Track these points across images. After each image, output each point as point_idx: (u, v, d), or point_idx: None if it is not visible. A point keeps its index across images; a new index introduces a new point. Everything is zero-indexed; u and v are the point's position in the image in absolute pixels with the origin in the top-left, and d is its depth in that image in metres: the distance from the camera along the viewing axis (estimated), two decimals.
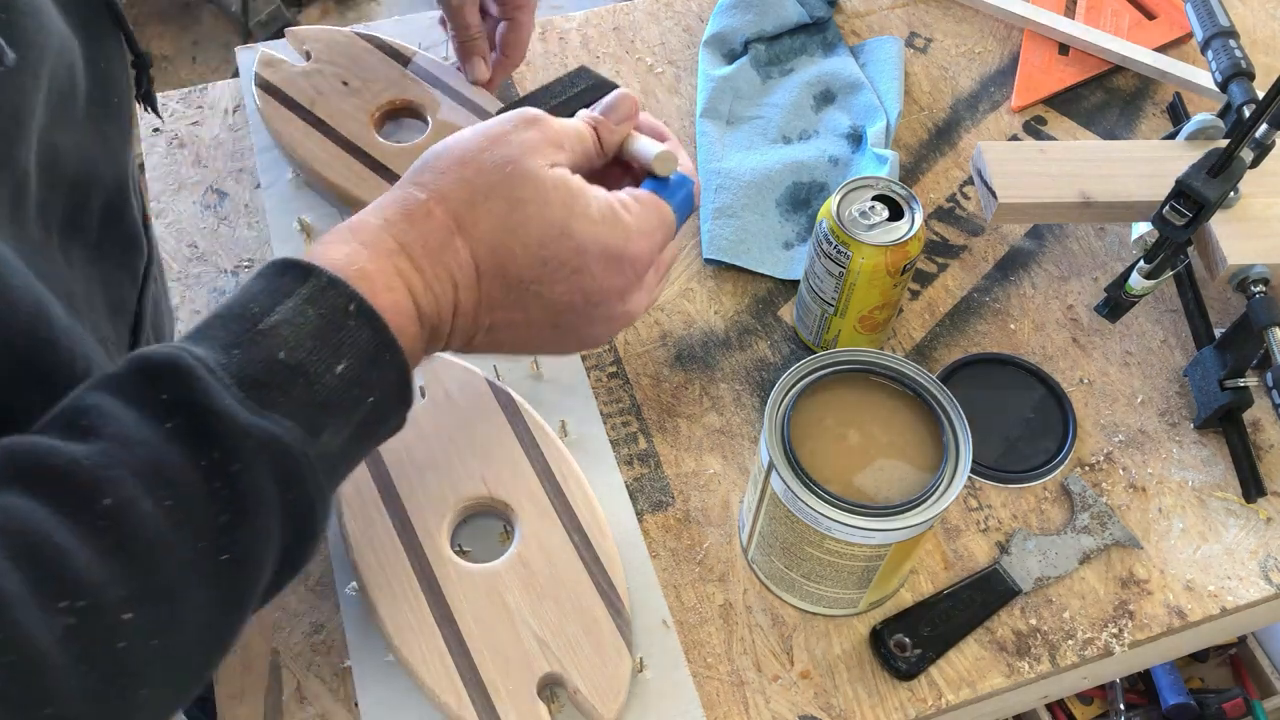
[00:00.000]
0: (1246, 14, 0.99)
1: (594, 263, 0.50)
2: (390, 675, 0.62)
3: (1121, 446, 0.73)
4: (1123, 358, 0.77)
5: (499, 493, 0.66)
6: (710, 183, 0.84)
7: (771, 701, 0.63)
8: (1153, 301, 0.80)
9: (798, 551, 0.61)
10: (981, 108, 0.92)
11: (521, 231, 0.48)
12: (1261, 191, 0.73)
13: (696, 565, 0.68)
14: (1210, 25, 0.82)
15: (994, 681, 0.64)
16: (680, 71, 0.93)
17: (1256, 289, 0.70)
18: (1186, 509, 0.71)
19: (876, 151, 0.83)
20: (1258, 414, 0.75)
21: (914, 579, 0.68)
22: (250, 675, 0.63)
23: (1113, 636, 0.66)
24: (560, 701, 0.61)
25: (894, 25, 0.97)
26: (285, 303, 0.42)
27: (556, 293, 0.50)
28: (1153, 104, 0.92)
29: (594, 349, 0.51)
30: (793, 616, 0.66)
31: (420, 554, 0.63)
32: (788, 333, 0.78)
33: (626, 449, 0.72)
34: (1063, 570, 0.67)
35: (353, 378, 0.43)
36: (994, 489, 0.71)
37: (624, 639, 0.61)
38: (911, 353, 0.78)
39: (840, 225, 0.68)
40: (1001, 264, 0.82)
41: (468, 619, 0.61)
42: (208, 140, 0.87)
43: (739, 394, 0.75)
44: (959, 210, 0.85)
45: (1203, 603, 0.67)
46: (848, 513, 0.56)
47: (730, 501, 0.70)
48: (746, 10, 0.93)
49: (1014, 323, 0.79)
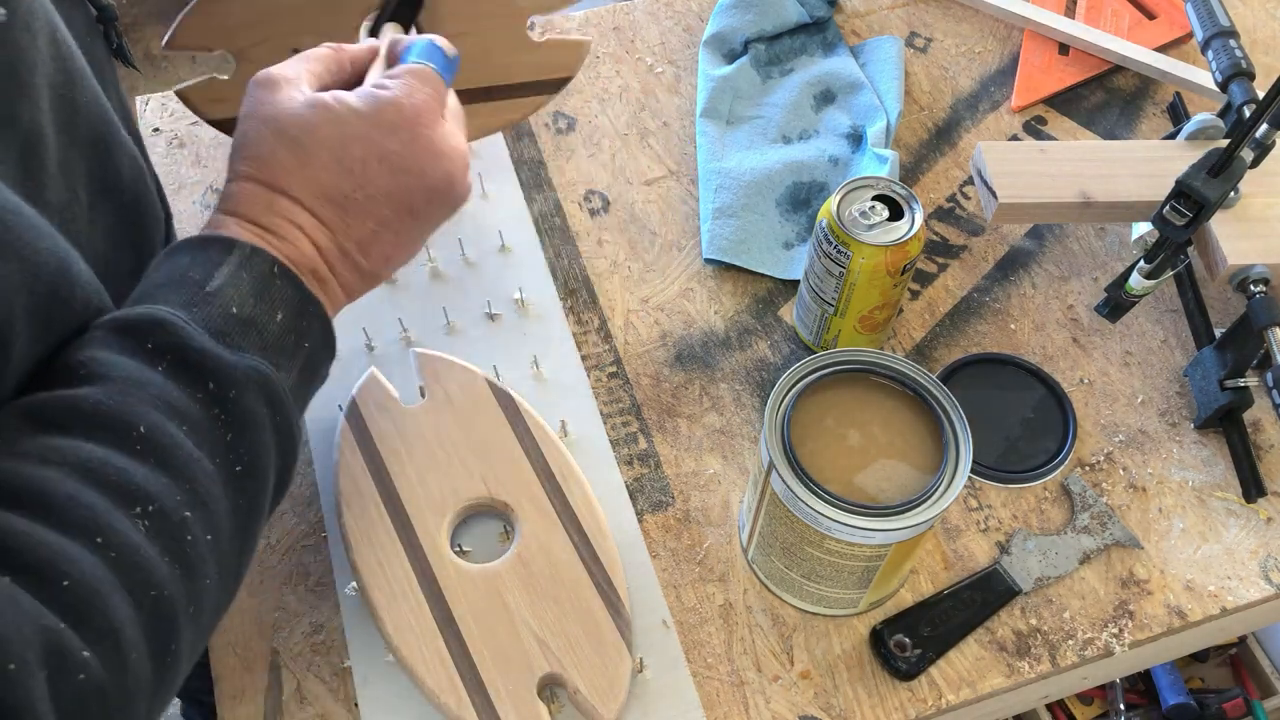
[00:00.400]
0: (1246, 14, 0.99)
1: (386, 139, 0.52)
2: (390, 675, 0.62)
3: (1121, 446, 0.73)
4: (1123, 358, 0.77)
5: (499, 493, 0.66)
6: (710, 183, 0.84)
7: (771, 701, 0.63)
8: (1153, 301, 0.80)
9: (798, 551, 0.61)
10: (981, 108, 0.92)
11: (312, 158, 0.51)
12: (1261, 191, 0.73)
13: (696, 565, 0.68)
14: (1210, 25, 0.82)
15: (994, 681, 0.64)
16: (680, 71, 0.93)
17: (1256, 289, 0.70)
18: (1186, 509, 0.71)
19: (876, 151, 0.83)
20: (1258, 414, 0.75)
21: (914, 579, 0.68)
22: (250, 675, 0.63)
23: (1113, 636, 0.66)
24: (560, 701, 0.61)
25: (894, 25, 0.97)
26: (221, 269, 0.47)
27: (381, 184, 0.52)
28: (1153, 104, 0.92)
29: (466, 199, 0.57)
30: (793, 616, 0.66)
31: (420, 554, 0.63)
32: (788, 333, 0.78)
33: (626, 449, 0.72)
34: (1063, 570, 0.67)
35: (289, 326, 0.49)
36: (994, 489, 0.71)
37: (624, 639, 0.61)
38: (911, 353, 0.78)
39: (840, 225, 0.68)
40: (1001, 264, 0.82)
41: (468, 619, 0.61)
42: (208, 140, 0.87)
43: (739, 394, 0.75)
44: (959, 210, 0.85)
45: (1203, 603, 0.67)
46: (848, 513, 0.56)
47: (730, 501, 0.70)
48: (746, 10, 0.93)
49: (1014, 323, 0.79)
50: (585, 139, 0.88)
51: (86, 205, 0.53)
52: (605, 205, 0.85)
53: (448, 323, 0.77)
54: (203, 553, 0.43)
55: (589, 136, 0.89)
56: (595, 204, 0.85)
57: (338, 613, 0.65)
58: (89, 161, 0.53)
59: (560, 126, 0.89)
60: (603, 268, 0.81)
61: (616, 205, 0.85)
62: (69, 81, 0.51)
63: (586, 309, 0.79)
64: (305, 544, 0.68)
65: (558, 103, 0.90)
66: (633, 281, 0.80)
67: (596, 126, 0.89)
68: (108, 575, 0.39)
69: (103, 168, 0.55)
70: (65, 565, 0.38)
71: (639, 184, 0.86)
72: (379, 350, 0.75)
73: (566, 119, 0.90)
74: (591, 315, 0.78)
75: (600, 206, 0.84)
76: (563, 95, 0.90)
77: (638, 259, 0.82)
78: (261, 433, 0.46)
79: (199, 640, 0.44)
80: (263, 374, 0.46)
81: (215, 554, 0.44)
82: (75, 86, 0.52)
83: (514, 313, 0.78)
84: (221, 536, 0.44)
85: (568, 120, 0.90)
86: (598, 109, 0.90)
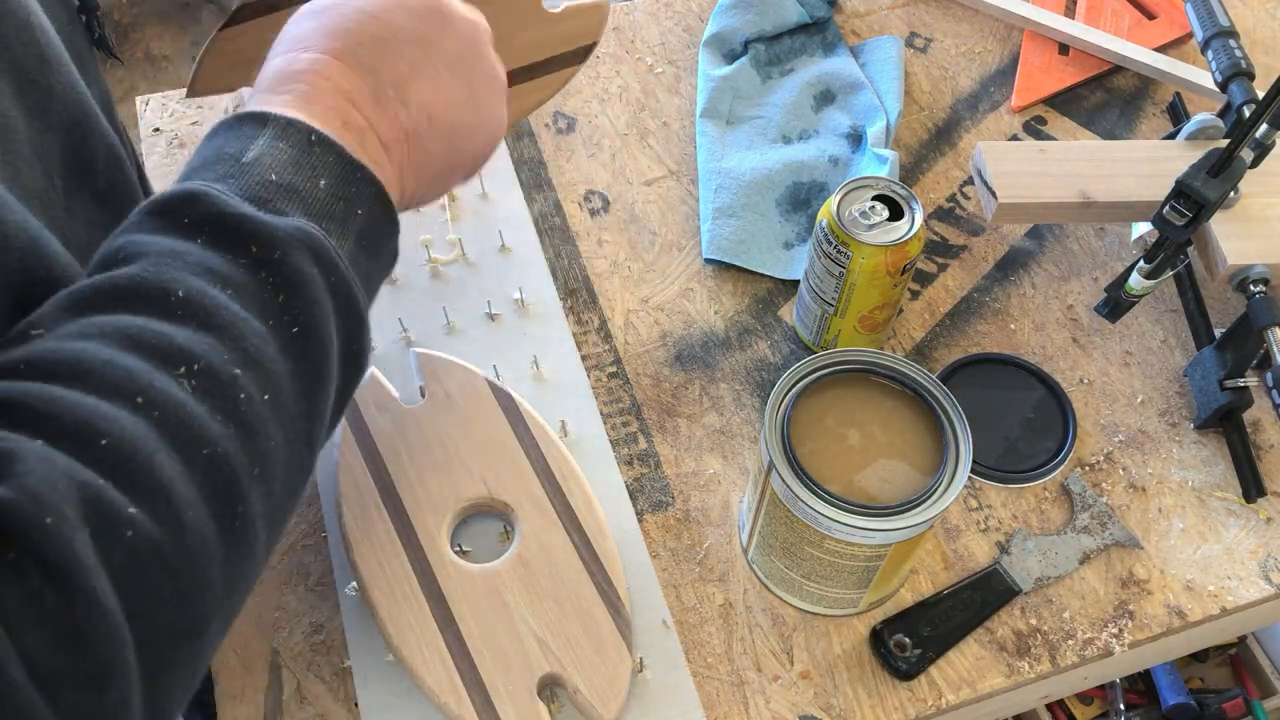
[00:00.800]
0: (1246, 14, 0.99)
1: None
2: (390, 675, 0.62)
3: (1121, 446, 0.73)
4: (1123, 358, 0.77)
5: (499, 493, 0.66)
6: (710, 183, 0.84)
7: (771, 701, 0.63)
8: (1153, 301, 0.80)
9: (798, 551, 0.61)
10: (981, 108, 0.92)
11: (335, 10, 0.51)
12: (1261, 191, 0.73)
13: (696, 565, 0.68)
14: (1210, 25, 0.82)
15: (994, 681, 0.64)
16: (680, 71, 0.93)
17: (1256, 289, 0.70)
18: (1186, 509, 0.71)
19: (876, 151, 0.83)
20: (1258, 414, 0.75)
21: (914, 579, 0.68)
22: (250, 675, 0.63)
23: (1113, 636, 0.66)
24: (560, 701, 0.61)
25: (894, 25, 0.97)
26: (256, 142, 0.45)
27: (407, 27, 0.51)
28: (1153, 104, 0.92)
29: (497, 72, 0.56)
30: (793, 616, 0.66)
31: (420, 554, 0.63)
32: (788, 333, 0.78)
33: (626, 449, 0.72)
34: (1063, 570, 0.67)
35: (336, 193, 0.46)
36: (994, 489, 0.71)
37: (624, 639, 0.61)
38: (911, 353, 0.78)
39: (840, 225, 0.68)
40: (1001, 264, 0.82)
41: (468, 619, 0.61)
42: None
43: (739, 394, 0.75)
44: (959, 210, 0.85)
45: (1203, 603, 0.67)
46: (848, 513, 0.56)
47: (730, 501, 0.70)
48: (746, 10, 0.93)
49: (1014, 323, 0.79)
50: (585, 139, 0.89)
51: (63, 192, 0.52)
52: (605, 205, 0.85)
53: (448, 323, 0.77)
54: (260, 412, 0.40)
55: (589, 136, 0.89)
56: (595, 204, 0.85)
57: (338, 613, 0.65)
58: (63, 148, 0.52)
59: (560, 126, 0.89)
60: (603, 268, 0.81)
61: (616, 205, 0.85)
62: (41, 67, 0.51)
63: (586, 309, 0.79)
64: (305, 544, 0.68)
65: (558, 103, 0.90)
66: (633, 281, 0.80)
67: (596, 126, 0.89)
68: (150, 433, 0.37)
69: (76, 155, 0.54)
70: (102, 424, 0.36)
71: (639, 184, 0.86)
72: (379, 350, 0.75)
73: (566, 119, 0.90)
74: (591, 315, 0.78)
75: (600, 206, 0.84)
76: (563, 95, 0.90)
77: (638, 259, 0.82)
78: (316, 292, 0.43)
79: (275, 511, 0.42)
80: (308, 234, 0.43)
81: (277, 416, 0.41)
82: (49, 72, 0.51)
83: (514, 313, 0.78)
84: (283, 398, 0.42)
85: (568, 120, 0.90)
86: (598, 109, 0.90)
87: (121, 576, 0.35)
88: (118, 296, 0.40)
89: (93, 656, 0.33)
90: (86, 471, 0.35)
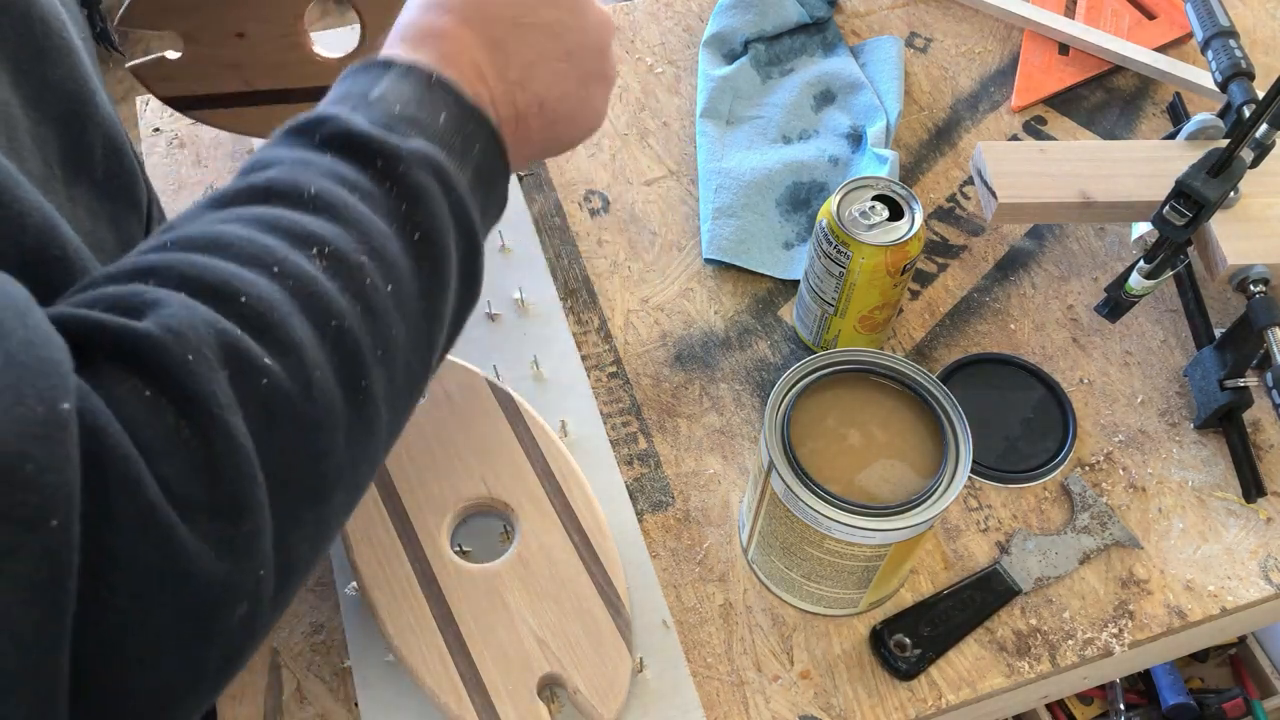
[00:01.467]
0: (1246, 14, 0.99)
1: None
2: (390, 675, 0.62)
3: (1121, 446, 0.73)
4: (1123, 358, 0.77)
5: (499, 493, 0.66)
6: (710, 183, 0.84)
7: (771, 701, 0.63)
8: (1153, 301, 0.80)
9: (798, 551, 0.61)
10: (981, 108, 0.92)
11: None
12: (1261, 191, 0.73)
13: (696, 565, 0.68)
14: (1210, 25, 0.82)
15: (994, 681, 0.64)
16: (680, 71, 0.93)
17: (1256, 289, 0.70)
18: (1186, 509, 0.71)
19: (876, 151, 0.83)
20: (1258, 414, 0.75)
21: (914, 579, 0.68)
22: (250, 675, 0.63)
23: (1113, 636, 0.66)
24: (560, 701, 0.61)
25: (894, 25, 0.97)
26: (381, 82, 0.47)
27: (543, 14, 0.53)
28: (1153, 104, 0.92)
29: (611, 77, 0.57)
30: (793, 616, 0.66)
31: (420, 554, 0.63)
32: (788, 333, 0.78)
33: (626, 449, 0.72)
34: (1063, 570, 0.67)
35: (454, 128, 0.48)
36: (994, 489, 0.71)
37: (624, 639, 0.61)
38: (911, 353, 0.78)
39: (840, 225, 0.68)
40: (1001, 264, 0.82)
41: (468, 619, 0.61)
42: (208, 140, 0.87)
43: (739, 394, 0.75)
44: (959, 210, 0.85)
45: (1203, 603, 0.67)
46: (848, 513, 0.56)
47: (730, 501, 0.70)
48: (746, 10, 0.93)
49: (1014, 323, 0.79)
50: None
51: (62, 181, 0.53)
52: (605, 205, 0.85)
53: None
54: (384, 301, 0.42)
55: None
56: (595, 204, 0.85)
57: (338, 613, 0.65)
58: (61, 138, 0.53)
59: None
60: (603, 268, 0.81)
61: (616, 205, 0.85)
62: (36, 58, 0.51)
63: (586, 309, 0.79)
64: None
65: None
66: (633, 281, 0.80)
67: None
68: (285, 298, 0.38)
69: (74, 144, 0.55)
70: (241, 285, 0.38)
71: (639, 184, 0.86)
72: None
73: None
74: (591, 315, 0.78)
75: (600, 206, 0.84)
76: None
77: (638, 259, 0.82)
78: (436, 206, 0.45)
79: (397, 398, 0.44)
80: (431, 154, 0.45)
81: (400, 308, 0.43)
82: (45, 63, 0.52)
83: (514, 313, 0.78)
84: (404, 294, 0.43)
85: None
86: None
87: (256, 421, 0.36)
88: (254, 194, 0.42)
89: (228, 487, 0.35)
90: (225, 321, 0.36)
